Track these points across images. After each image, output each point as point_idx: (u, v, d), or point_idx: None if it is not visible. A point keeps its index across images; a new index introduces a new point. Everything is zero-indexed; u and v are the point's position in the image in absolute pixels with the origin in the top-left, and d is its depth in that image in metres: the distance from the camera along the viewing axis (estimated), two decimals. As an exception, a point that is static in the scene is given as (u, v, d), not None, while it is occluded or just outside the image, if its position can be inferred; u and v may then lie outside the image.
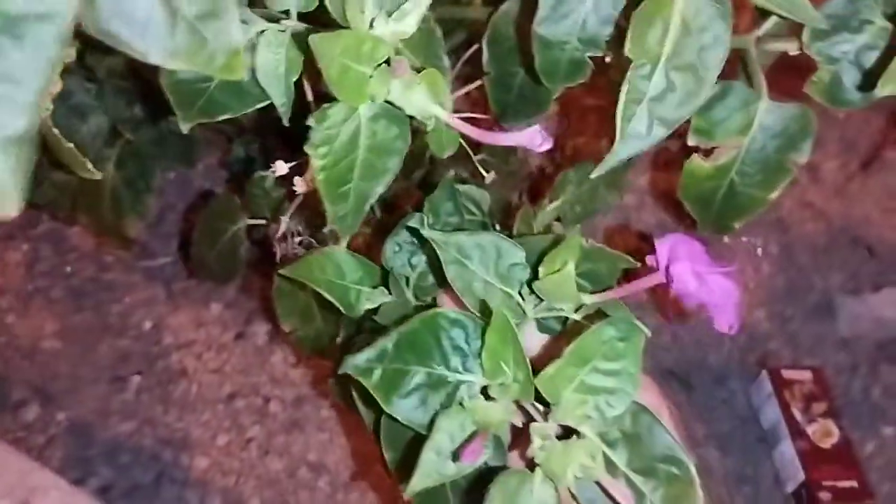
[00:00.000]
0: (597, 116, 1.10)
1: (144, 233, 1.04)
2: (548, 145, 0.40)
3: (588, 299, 0.44)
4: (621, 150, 0.48)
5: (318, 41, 0.37)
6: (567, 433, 0.39)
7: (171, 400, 0.96)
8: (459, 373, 0.41)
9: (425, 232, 0.45)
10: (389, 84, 0.42)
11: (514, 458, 0.42)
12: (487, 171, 0.86)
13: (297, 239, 0.75)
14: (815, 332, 1.15)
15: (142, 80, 0.75)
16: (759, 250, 1.18)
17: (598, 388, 0.39)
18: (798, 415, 1.03)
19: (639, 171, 1.19)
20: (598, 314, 0.44)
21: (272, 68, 0.46)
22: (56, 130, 0.48)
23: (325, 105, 0.42)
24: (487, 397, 0.41)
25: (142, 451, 0.92)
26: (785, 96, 0.58)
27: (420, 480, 0.38)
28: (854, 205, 1.25)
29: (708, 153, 0.59)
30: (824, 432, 1.02)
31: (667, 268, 0.41)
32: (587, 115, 1.10)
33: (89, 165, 0.50)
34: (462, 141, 0.84)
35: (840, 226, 1.23)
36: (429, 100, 0.43)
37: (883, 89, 0.49)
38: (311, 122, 0.42)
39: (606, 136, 0.48)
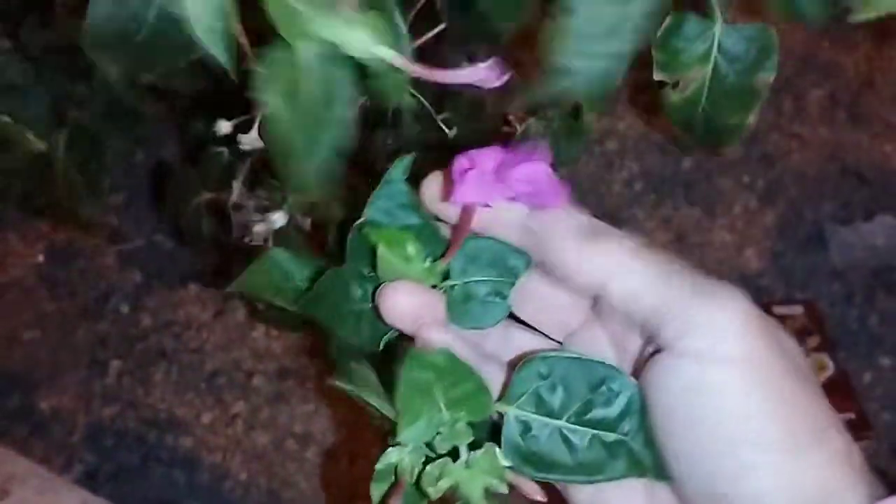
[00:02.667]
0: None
1: (116, 216, 1.03)
2: (499, 82, 0.38)
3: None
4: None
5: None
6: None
7: (152, 382, 0.95)
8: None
9: None
10: (329, 21, 0.39)
11: None
12: (450, 129, 0.84)
13: (252, 203, 0.73)
14: (807, 265, 1.12)
15: (82, 53, 0.74)
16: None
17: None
18: (791, 350, 1.01)
19: (617, 118, 1.16)
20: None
21: (208, 18, 0.41)
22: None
23: (269, 46, 0.40)
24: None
25: (126, 434, 0.92)
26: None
27: None
28: (843, 132, 1.21)
29: (677, 85, 0.58)
30: (818, 366, 1.00)
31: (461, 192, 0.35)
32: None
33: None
34: (424, 101, 0.82)
35: (829, 154, 1.19)
36: (373, 40, 0.41)
37: (857, 15, 0.46)
38: (257, 65, 0.40)
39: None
